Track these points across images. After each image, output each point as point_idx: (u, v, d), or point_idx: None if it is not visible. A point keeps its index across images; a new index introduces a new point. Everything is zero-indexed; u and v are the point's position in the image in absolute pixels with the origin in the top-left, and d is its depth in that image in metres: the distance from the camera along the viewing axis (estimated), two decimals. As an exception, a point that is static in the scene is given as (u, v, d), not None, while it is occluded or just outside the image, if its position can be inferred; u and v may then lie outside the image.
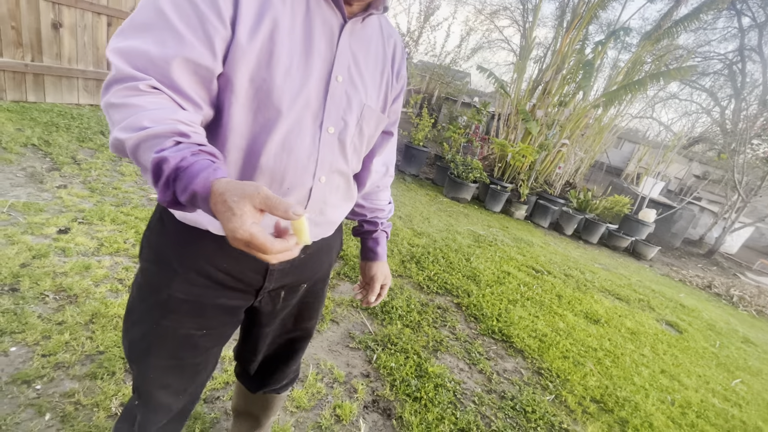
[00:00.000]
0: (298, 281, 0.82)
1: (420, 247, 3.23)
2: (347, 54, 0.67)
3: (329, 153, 0.68)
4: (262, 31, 0.58)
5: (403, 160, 6.00)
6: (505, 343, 2.27)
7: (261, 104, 0.61)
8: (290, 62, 0.61)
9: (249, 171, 0.64)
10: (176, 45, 0.53)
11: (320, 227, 0.78)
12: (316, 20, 0.63)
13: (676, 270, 5.29)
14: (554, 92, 5.83)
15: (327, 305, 2.11)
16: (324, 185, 0.70)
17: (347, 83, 0.68)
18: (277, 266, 0.74)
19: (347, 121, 0.69)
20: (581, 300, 3.15)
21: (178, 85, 0.54)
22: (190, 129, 0.50)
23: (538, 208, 5.44)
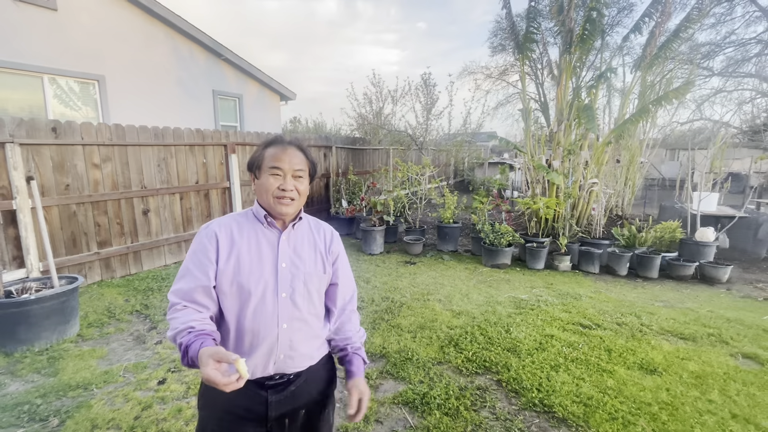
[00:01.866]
0: (295, 408, 1.18)
1: (458, 328, 3.42)
2: (287, 249, 1.18)
3: (285, 308, 1.14)
4: (232, 257, 1.12)
5: (438, 240, 6.36)
6: (547, 414, 2.32)
7: (239, 293, 1.12)
8: (250, 267, 1.12)
9: (240, 332, 1.11)
10: (194, 281, 1.09)
11: (294, 360, 1.16)
12: (263, 240, 1.17)
13: (761, 287, 4.74)
14: (562, 142, 6.08)
15: (371, 407, 2.37)
16: (286, 330, 1.14)
17: (290, 266, 1.17)
18: (273, 397, 1.14)
19: (294, 287, 1.16)
20: (635, 350, 3.05)
21: (196, 300, 1.08)
22: (198, 323, 1.02)
23: (582, 256, 5.37)
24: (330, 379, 1.30)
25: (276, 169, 1.13)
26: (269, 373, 1.13)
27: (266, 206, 1.16)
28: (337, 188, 7.89)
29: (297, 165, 1.16)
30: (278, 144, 1.18)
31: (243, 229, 1.16)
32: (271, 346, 1.11)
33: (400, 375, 2.71)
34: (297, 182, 1.16)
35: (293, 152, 1.17)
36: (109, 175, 4.52)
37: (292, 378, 1.17)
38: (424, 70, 8.50)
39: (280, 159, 1.14)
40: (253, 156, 1.20)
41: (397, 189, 7.05)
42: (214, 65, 8.93)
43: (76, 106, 6.72)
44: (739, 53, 16.27)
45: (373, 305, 3.93)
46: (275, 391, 1.15)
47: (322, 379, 1.26)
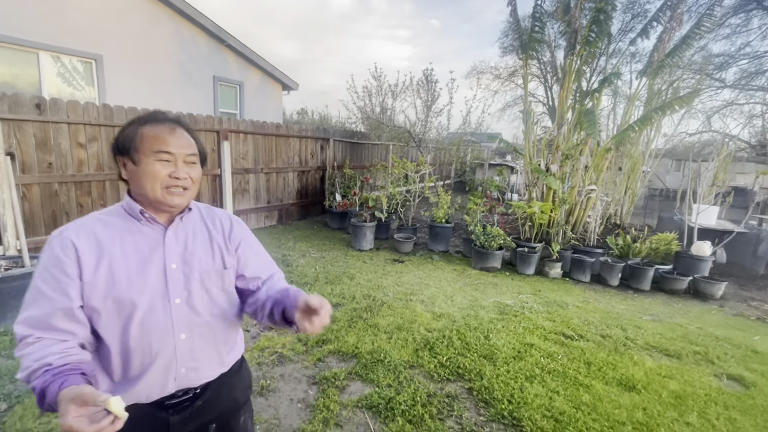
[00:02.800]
0: (204, 423, 1.06)
1: (437, 331, 3.33)
2: (175, 247, 1.01)
3: (181, 315, 0.98)
4: (102, 267, 0.92)
5: (429, 239, 6.26)
6: (515, 428, 2.23)
7: (118, 309, 0.92)
8: (129, 275, 0.93)
9: (126, 353, 0.93)
10: (49, 305, 0.87)
11: (200, 371, 1.03)
12: (144, 241, 0.99)
13: (755, 306, 4.61)
14: (561, 146, 5.94)
15: (333, 408, 2.29)
16: (186, 340, 0.99)
17: (182, 266, 0.99)
18: (176, 418, 1.00)
19: (190, 289, 1.00)
20: (616, 364, 2.95)
21: (55, 328, 0.86)
22: (57, 357, 0.82)
23: (574, 263, 5.25)
24: (244, 385, 1.20)
25: (164, 154, 0.94)
26: (169, 391, 0.99)
27: (151, 198, 0.96)
28: (332, 181, 7.79)
29: (188, 149, 0.99)
30: (161, 122, 0.98)
31: (113, 231, 0.96)
32: (168, 362, 0.97)
33: (368, 377, 2.62)
34: (190, 169, 0.99)
35: (182, 133, 0.99)
36: (94, 155, 4.44)
37: (198, 392, 1.05)
38: (427, 66, 8.38)
39: (167, 142, 0.95)
40: (122, 135, 0.96)
41: (392, 186, 6.94)
42: (216, 51, 8.82)
43: (73, 85, 6.64)
44: (753, 66, 16.02)
45: (353, 303, 3.85)
46: (178, 410, 1.02)
47: (235, 386, 1.14)
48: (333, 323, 3.36)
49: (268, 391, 2.45)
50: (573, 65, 5.77)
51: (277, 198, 7.09)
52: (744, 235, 5.90)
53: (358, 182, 7.52)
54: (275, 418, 2.22)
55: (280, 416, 2.23)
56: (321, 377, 2.59)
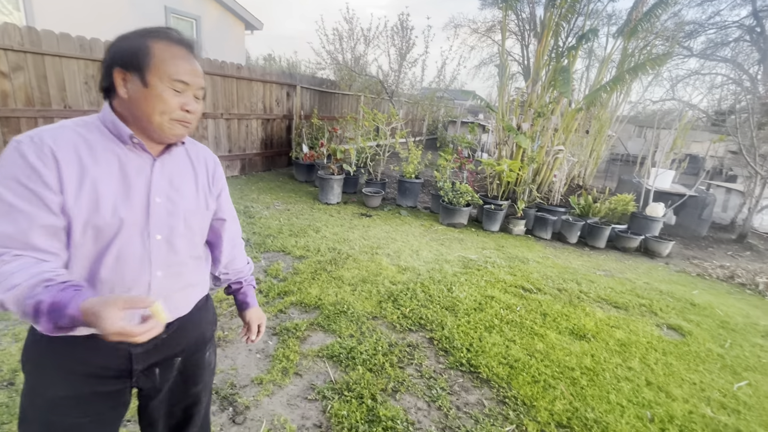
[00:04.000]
0: (168, 356, 1.01)
1: (401, 284, 3.33)
2: (161, 181, 0.91)
3: (160, 253, 0.90)
4: (85, 191, 0.79)
5: (398, 194, 6.18)
6: (472, 374, 2.30)
7: (95, 237, 0.82)
8: (114, 202, 0.83)
9: (92, 284, 0.84)
10: (25, 219, 0.73)
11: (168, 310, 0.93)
12: (129, 167, 0.86)
13: (696, 263, 4.97)
14: (534, 104, 5.88)
15: (292, 358, 2.25)
16: (161, 278, 0.91)
17: (166, 201, 0.91)
18: (138, 350, 0.93)
19: (173, 226, 0.92)
20: (569, 315, 3.09)
21: (36, 246, 0.74)
22: (55, 274, 0.72)
23: (537, 221, 5.38)
24: (210, 321, 1.16)
25: (180, 83, 0.83)
26: None
27: (151, 126, 0.84)
28: (299, 132, 7.41)
29: (202, 81, 0.89)
30: (179, 43, 0.85)
31: (96, 150, 0.83)
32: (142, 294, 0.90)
33: (331, 328, 2.59)
34: (197, 104, 0.90)
35: (198, 63, 0.88)
36: (21, 87, 3.89)
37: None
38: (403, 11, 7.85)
39: (186, 69, 0.84)
40: (125, 44, 0.82)
41: (362, 139, 6.69)
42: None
43: (2, 9, 5.70)
44: (719, 36, 16.39)
45: (317, 255, 3.76)
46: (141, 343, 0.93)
47: (200, 322, 1.10)
48: (296, 276, 3.28)
49: (226, 342, 2.37)
50: (552, 18, 5.56)
51: (240, 147, 6.67)
52: (693, 199, 6.25)
53: (327, 133, 7.20)
54: (232, 368, 2.15)
55: (238, 366, 2.17)
56: (282, 328, 2.54)
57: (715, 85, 17.70)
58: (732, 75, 16.68)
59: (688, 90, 21.95)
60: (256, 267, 3.41)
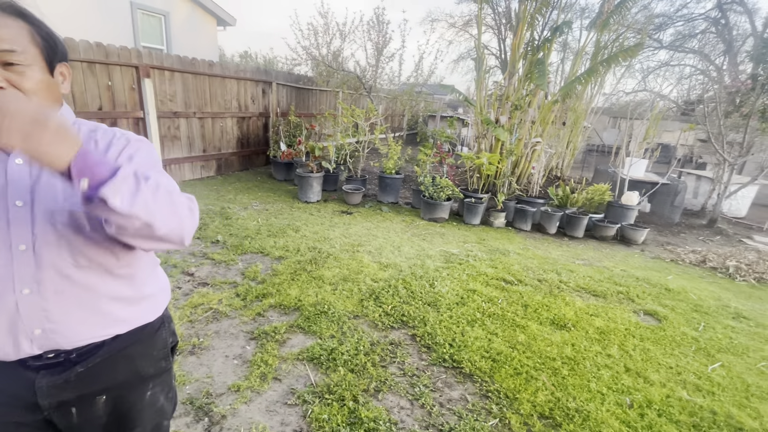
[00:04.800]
0: (86, 394, 0.87)
1: (383, 281, 3.29)
2: (25, 178, 0.76)
3: (25, 266, 0.76)
4: None
5: (379, 191, 6.13)
6: (455, 370, 2.28)
7: None
8: None
9: None
10: None
11: (67, 333, 0.81)
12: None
13: (670, 249, 5.12)
14: (511, 96, 5.91)
15: (271, 363, 2.19)
16: (31, 295, 0.77)
17: (30, 203, 0.75)
18: (42, 381, 0.81)
19: (38, 233, 0.76)
20: (550, 306, 3.12)
21: None
22: None
23: (517, 213, 5.43)
24: (157, 356, 0.99)
25: None
26: (29, 352, 0.79)
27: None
28: (276, 129, 7.26)
29: (4, 44, 0.70)
30: None
31: None
32: (10, 321, 0.77)
33: (311, 329, 2.54)
34: (10, 72, 0.72)
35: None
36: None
37: (75, 357, 0.84)
38: (378, 5, 7.75)
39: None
40: None
41: (341, 135, 6.61)
42: (131, -30, 7.50)
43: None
44: (687, 28, 16.92)
45: (297, 255, 3.68)
46: (49, 374, 0.83)
47: (137, 357, 0.94)
48: (275, 277, 3.20)
49: (201, 350, 2.28)
50: (527, 11, 5.59)
51: (215, 146, 6.49)
52: (666, 187, 6.43)
53: (304, 131, 7.07)
54: (208, 376, 2.07)
55: (214, 374, 2.10)
56: (260, 332, 2.46)
57: (684, 75, 18.30)
58: (700, 66, 17.28)
59: (659, 81, 22.65)
60: (233, 270, 3.31)
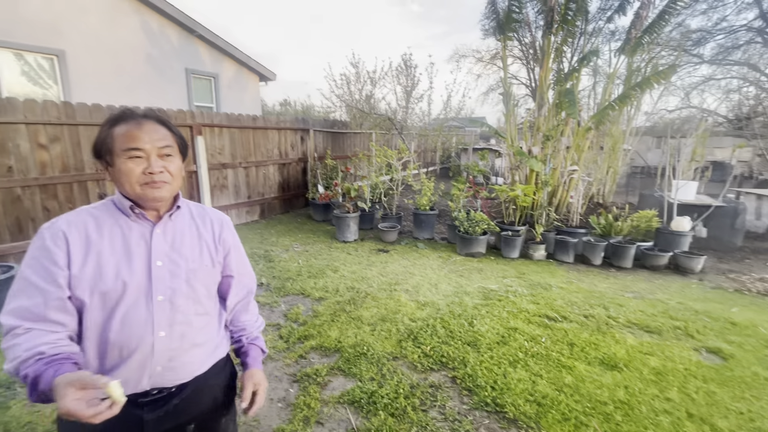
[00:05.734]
0: (181, 423, 1.02)
1: (420, 320, 3.30)
2: (163, 244, 0.99)
3: (162, 313, 0.95)
4: (90, 261, 0.91)
5: (414, 227, 6.21)
6: (498, 414, 2.22)
7: (102, 303, 0.92)
8: (116, 270, 0.92)
9: (103, 347, 0.94)
10: (40, 295, 0.87)
11: (177, 371, 0.99)
12: (131, 236, 0.97)
13: (733, 278, 4.70)
14: (542, 127, 5.91)
15: (314, 406, 2.24)
16: (165, 338, 0.96)
17: (168, 263, 0.98)
18: (149, 416, 0.97)
19: (175, 287, 0.97)
20: (598, 344, 2.96)
21: (47, 318, 0.87)
22: (49, 347, 0.83)
23: (558, 245, 5.27)
24: (227, 386, 1.16)
25: (135, 151, 0.93)
26: (143, 388, 0.96)
27: (133, 196, 0.96)
28: (314, 173, 7.65)
29: (161, 141, 0.96)
30: (130, 119, 0.95)
31: (103, 226, 0.96)
32: (144, 359, 0.94)
33: (351, 371, 2.58)
34: (166, 162, 0.96)
35: (152, 127, 0.96)
36: (59, 156, 4.24)
37: (174, 391, 1.00)
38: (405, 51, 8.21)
39: (136, 138, 0.93)
40: (98, 138, 0.96)
41: (375, 175, 6.85)
42: (187, 43, 8.50)
43: (39, 83, 6.33)
44: (729, 41, 16.23)
45: (336, 296, 3.79)
46: (152, 408, 0.98)
47: (216, 387, 1.11)
48: (315, 318, 3.31)
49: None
50: (551, 45, 5.70)
51: (258, 192, 6.94)
52: (722, 209, 6.00)
53: (340, 173, 7.41)
54: (254, 420, 2.16)
55: (260, 417, 2.18)
56: (302, 374, 2.54)
57: (732, 89, 17.37)
58: (749, 77, 16.37)
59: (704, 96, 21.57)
60: (276, 312, 3.46)
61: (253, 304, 1.25)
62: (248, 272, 1.21)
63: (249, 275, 1.22)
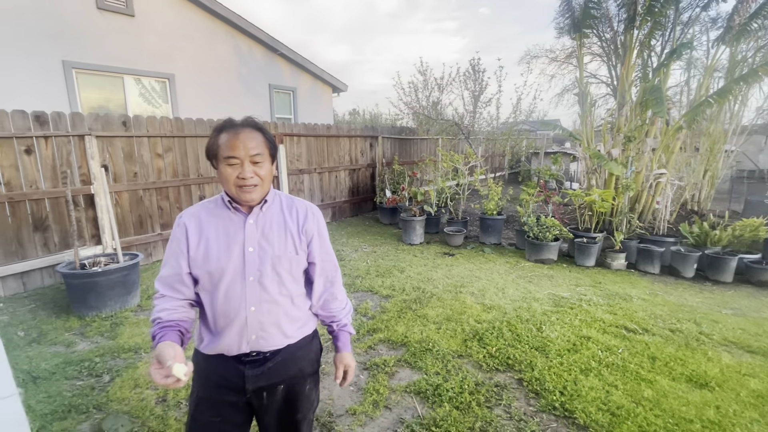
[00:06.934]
0: (272, 383, 1.22)
1: (486, 323, 3.31)
2: (254, 233, 1.18)
3: (252, 291, 1.15)
4: (201, 246, 1.15)
5: (481, 232, 6.16)
6: (567, 419, 2.17)
7: (209, 279, 1.15)
8: (218, 253, 1.15)
9: (215, 313, 1.16)
10: (172, 269, 1.16)
11: (268, 340, 1.19)
12: (230, 226, 1.18)
13: None
14: (623, 128, 5.52)
15: (382, 392, 2.40)
16: (255, 312, 1.15)
17: (257, 249, 1.16)
18: (249, 372, 1.18)
19: (262, 270, 1.16)
20: (685, 360, 2.73)
21: (174, 287, 1.15)
22: (167, 313, 1.11)
23: (641, 254, 4.87)
24: (311, 359, 1.32)
25: (231, 159, 1.09)
26: (244, 351, 1.17)
27: (231, 195, 1.15)
28: (382, 178, 7.94)
29: (253, 149, 1.10)
30: (230, 129, 1.11)
31: (211, 217, 1.18)
32: (241, 328, 1.14)
33: (417, 365, 2.70)
34: (257, 168, 1.12)
35: (247, 135, 1.11)
36: (170, 164, 5.00)
37: (269, 355, 1.20)
38: (473, 56, 8.17)
39: (233, 147, 1.09)
40: (208, 144, 1.15)
41: (441, 180, 6.92)
42: (270, 60, 9.38)
43: (152, 103, 7.48)
44: None
45: (402, 294, 3.94)
46: (252, 367, 1.18)
47: (302, 358, 1.27)
48: (383, 314, 3.49)
49: (323, 374, 2.62)
50: (634, 39, 5.32)
51: (330, 196, 7.39)
52: None
53: (407, 177, 7.59)
54: (329, 398, 2.38)
55: (334, 397, 2.39)
56: (371, 363, 2.72)
57: None
58: None
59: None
60: (348, 306, 3.70)
61: (340, 291, 1.36)
62: (331, 260, 1.33)
63: (331, 264, 1.33)
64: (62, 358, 2.74)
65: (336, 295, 1.34)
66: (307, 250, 1.25)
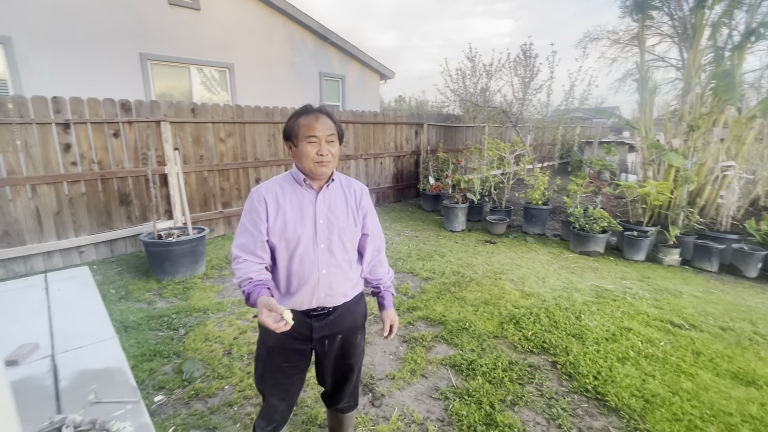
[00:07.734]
0: (333, 333, 1.45)
1: (524, 308, 3.38)
2: (323, 207, 1.38)
3: (323, 257, 1.36)
4: (279, 217, 1.34)
5: (524, 221, 6.10)
6: (598, 402, 2.24)
7: (286, 246, 1.35)
8: (294, 224, 1.34)
9: (289, 276, 1.36)
10: (251, 237, 1.33)
11: (333, 297, 1.41)
12: (304, 199, 1.37)
13: None
14: (685, 117, 5.18)
15: (419, 362, 2.59)
16: (326, 274, 1.37)
17: (326, 221, 1.37)
18: (316, 323, 1.41)
19: (331, 239, 1.37)
20: (733, 357, 2.65)
21: (255, 253, 1.33)
22: (255, 274, 1.28)
23: (698, 250, 4.62)
24: (361, 314, 1.56)
25: (312, 137, 1.28)
26: (312, 306, 1.39)
27: (306, 170, 1.32)
28: (426, 165, 8.02)
29: (328, 131, 1.30)
30: (310, 113, 1.31)
31: (286, 192, 1.35)
32: (313, 287, 1.36)
33: (453, 341, 2.86)
34: (330, 146, 1.31)
35: (324, 120, 1.30)
36: (231, 148, 5.44)
37: (331, 310, 1.43)
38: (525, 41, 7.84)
39: (314, 128, 1.28)
40: (287, 126, 1.34)
41: (485, 168, 6.88)
42: (320, 49, 9.67)
43: (213, 90, 8.07)
44: None
45: (442, 277, 4.09)
46: (318, 320, 1.42)
47: (354, 313, 1.51)
48: (422, 294, 3.66)
49: (366, 343, 2.86)
50: (704, 20, 4.94)
51: (375, 182, 7.62)
52: None
53: (451, 165, 7.62)
54: (371, 364, 2.61)
55: (375, 363, 2.62)
56: (410, 337, 2.92)
57: None
58: None
59: None
60: (389, 285, 3.92)
61: (384, 259, 1.59)
62: (379, 233, 1.56)
63: (379, 236, 1.56)
64: (146, 313, 3.21)
65: (382, 262, 1.56)
66: (362, 223, 1.46)
